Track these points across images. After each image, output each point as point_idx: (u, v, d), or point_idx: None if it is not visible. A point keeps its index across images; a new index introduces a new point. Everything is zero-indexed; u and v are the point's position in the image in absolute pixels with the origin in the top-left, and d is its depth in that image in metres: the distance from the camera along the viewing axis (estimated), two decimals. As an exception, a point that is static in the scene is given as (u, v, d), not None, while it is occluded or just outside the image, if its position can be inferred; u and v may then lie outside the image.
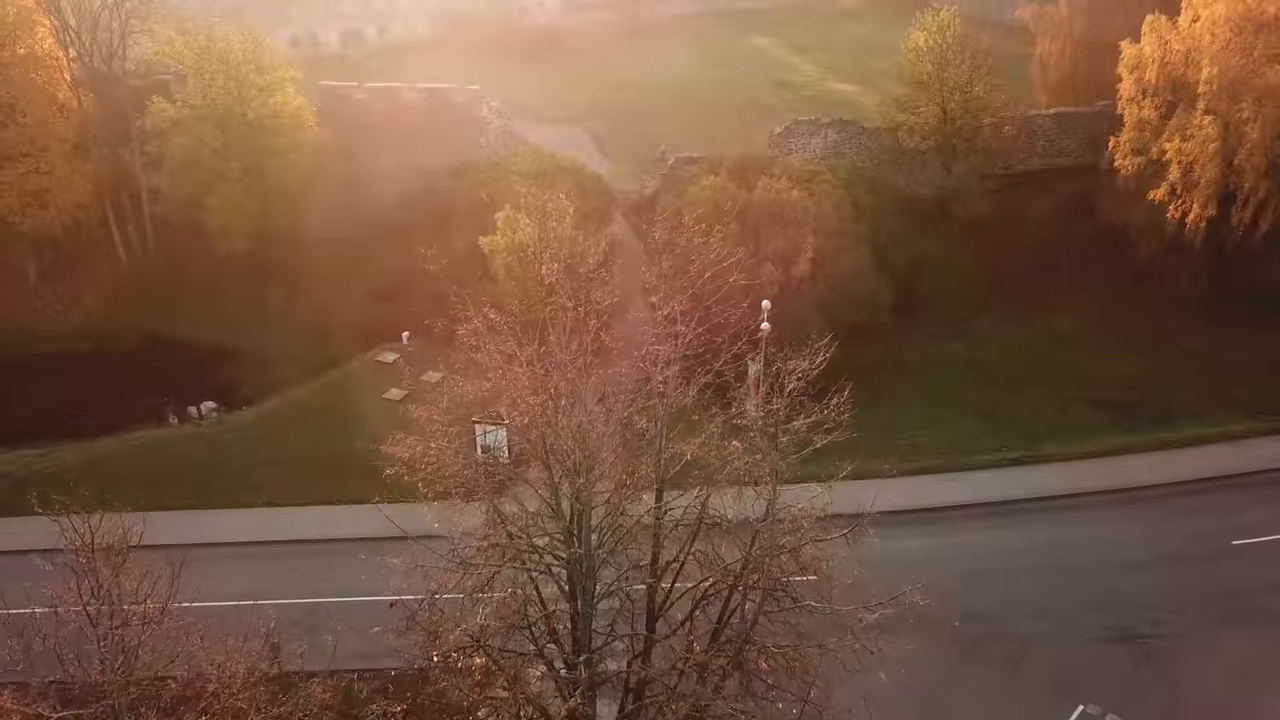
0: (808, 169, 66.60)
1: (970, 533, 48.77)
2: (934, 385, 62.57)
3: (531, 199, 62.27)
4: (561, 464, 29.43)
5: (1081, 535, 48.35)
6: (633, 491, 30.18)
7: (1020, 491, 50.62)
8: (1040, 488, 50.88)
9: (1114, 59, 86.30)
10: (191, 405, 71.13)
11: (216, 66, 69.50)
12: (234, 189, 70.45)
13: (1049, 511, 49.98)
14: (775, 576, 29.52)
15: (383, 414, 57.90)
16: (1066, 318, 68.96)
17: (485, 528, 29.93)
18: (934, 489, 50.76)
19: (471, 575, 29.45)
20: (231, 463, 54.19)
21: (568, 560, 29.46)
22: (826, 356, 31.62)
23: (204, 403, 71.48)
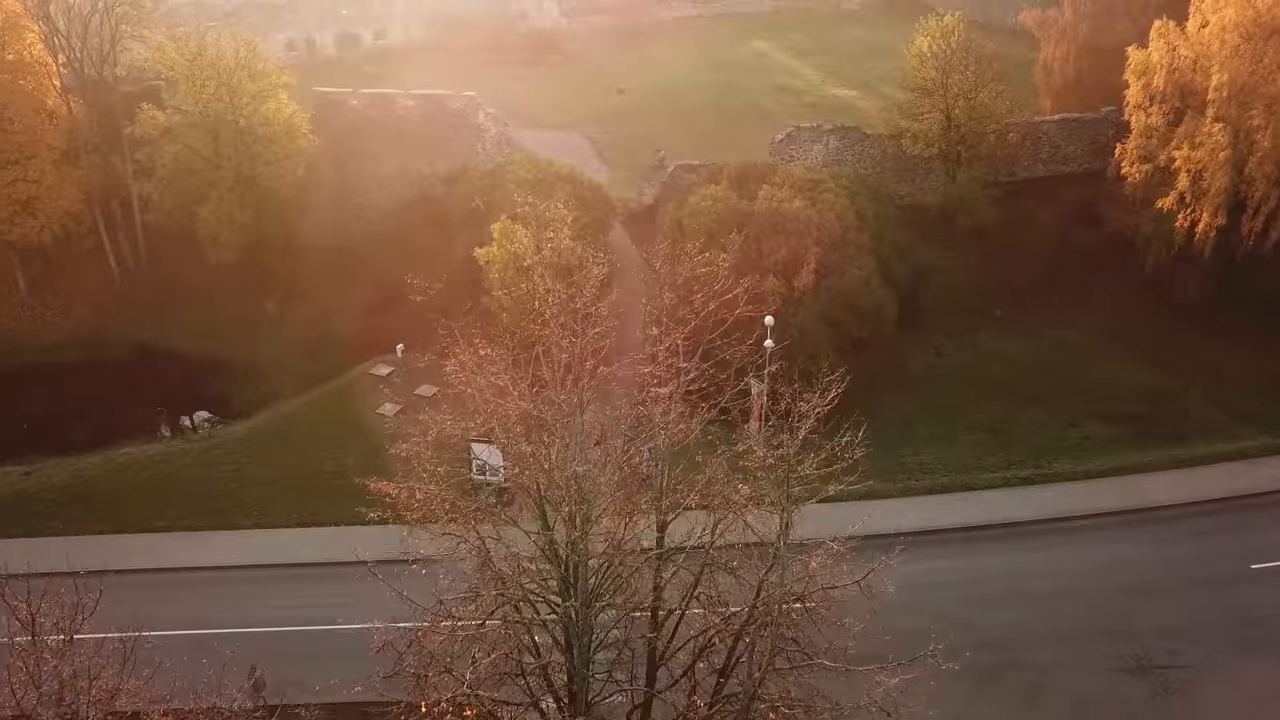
0: (810, 177, 64.65)
1: (981, 555, 46.92)
2: (939, 400, 60.68)
3: (528, 208, 60.39)
4: (556, 511, 27.50)
5: (1095, 558, 46.47)
6: (632, 536, 28.20)
7: (1031, 512, 48.72)
8: (1051, 508, 48.97)
9: (1119, 64, 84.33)
10: (184, 415, 69.66)
11: (208, 73, 67.50)
12: (226, 198, 68.52)
13: (1061, 533, 48.09)
14: (784, 629, 27.53)
15: (376, 430, 56.12)
16: (1073, 328, 67.07)
17: (475, 573, 27.95)
18: (942, 509, 48.88)
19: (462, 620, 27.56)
20: (220, 482, 52.28)
21: (563, 612, 27.57)
22: (839, 393, 29.16)
23: (197, 412, 69.89)
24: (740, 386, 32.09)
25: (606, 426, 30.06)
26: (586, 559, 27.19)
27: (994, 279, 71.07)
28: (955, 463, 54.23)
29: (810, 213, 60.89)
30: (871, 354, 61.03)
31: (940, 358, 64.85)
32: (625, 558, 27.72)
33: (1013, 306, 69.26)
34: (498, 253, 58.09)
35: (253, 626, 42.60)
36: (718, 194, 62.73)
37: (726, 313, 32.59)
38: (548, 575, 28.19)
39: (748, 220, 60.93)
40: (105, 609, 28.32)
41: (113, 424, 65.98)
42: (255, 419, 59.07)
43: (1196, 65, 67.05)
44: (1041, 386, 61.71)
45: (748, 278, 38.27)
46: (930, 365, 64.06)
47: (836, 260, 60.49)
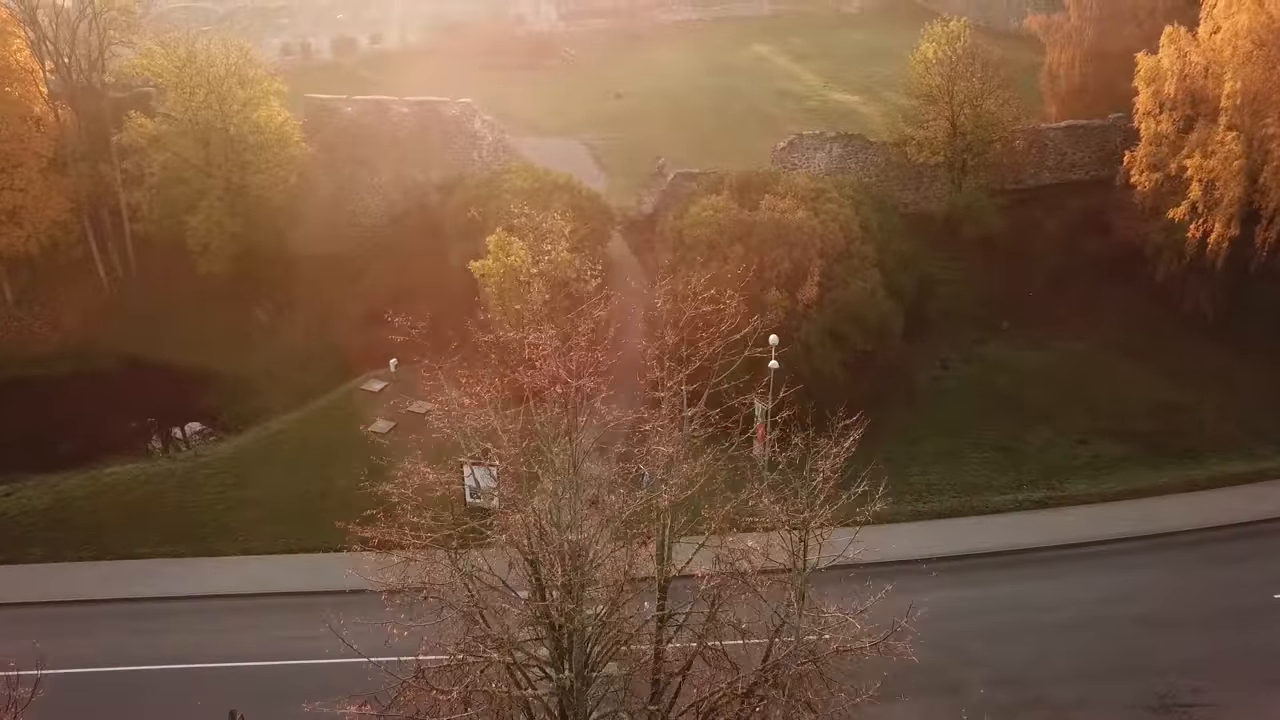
0: (813, 186, 62.35)
1: (993, 584, 44.66)
2: (946, 415, 58.45)
3: (525, 220, 58.13)
4: (550, 575, 25.21)
5: (1112, 587, 44.24)
6: (631, 596, 25.96)
7: (1044, 537, 46.45)
8: (1065, 533, 46.68)
9: (1126, 70, 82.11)
10: (175, 427, 67.65)
11: (197, 80, 65.28)
12: (216, 207, 66.32)
13: (1075, 560, 45.81)
14: (795, 692, 25.26)
15: (367, 448, 53.78)
16: (1082, 340, 64.83)
17: (461, 640, 25.65)
18: (952, 534, 46.67)
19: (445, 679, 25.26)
20: (206, 505, 50.04)
21: (556, 684, 25.31)
22: (856, 440, 26.98)
23: (189, 424, 67.89)
24: (746, 435, 29.48)
25: (602, 480, 27.67)
26: (584, 629, 24.89)
27: (1000, 289, 68.91)
28: (964, 483, 52.01)
29: (814, 224, 58.63)
30: (877, 367, 58.86)
31: (946, 371, 62.59)
32: (624, 622, 25.44)
33: (1020, 318, 67.10)
34: (493, 266, 55.83)
35: (235, 661, 40.45)
36: (719, 204, 60.47)
37: (734, 354, 30.06)
38: (539, 643, 25.89)
39: (750, 231, 58.74)
40: (78, 644, 26.11)
41: (101, 438, 64.07)
42: (243, 436, 56.80)
43: (1208, 72, 64.76)
44: (1050, 401, 59.49)
45: (756, 317, 35.20)
46: (936, 378, 61.80)
47: (841, 272, 58.24)
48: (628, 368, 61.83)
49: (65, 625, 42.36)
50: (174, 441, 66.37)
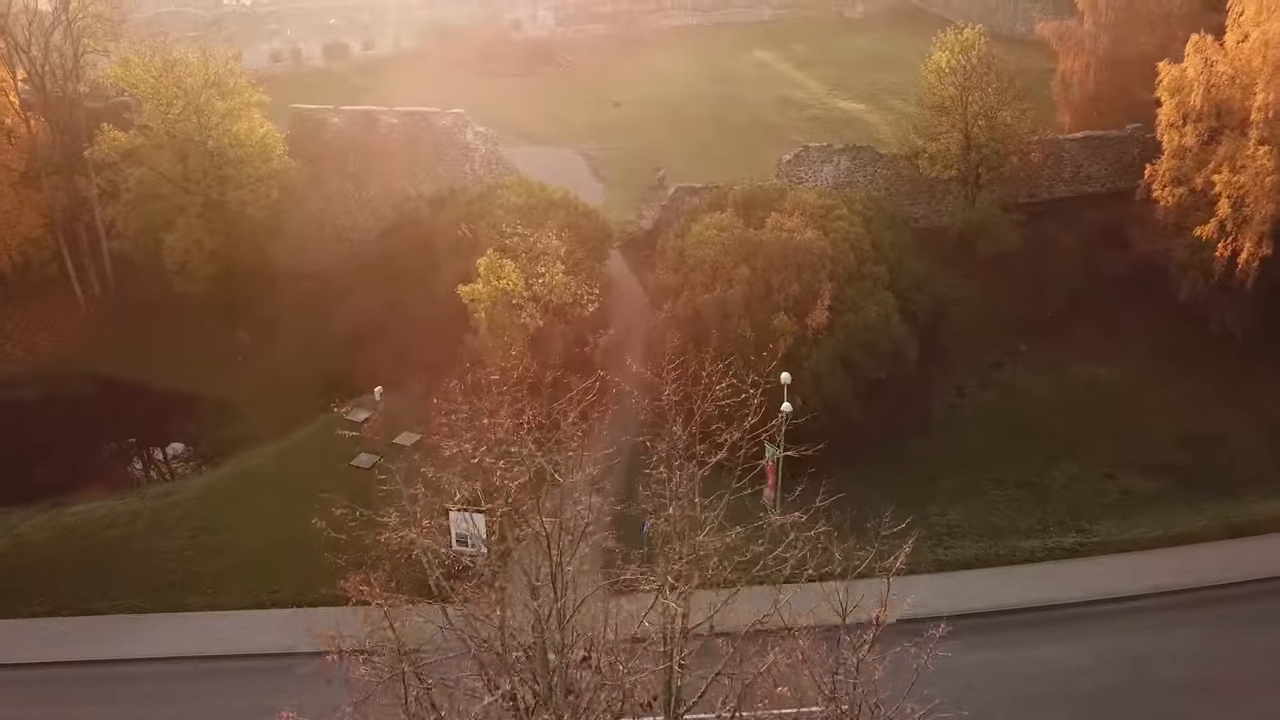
0: (822, 203, 58.03)
1: (1023, 645, 40.25)
2: (964, 447, 54.16)
3: (518, 239, 53.85)
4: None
5: (1154, 648, 39.78)
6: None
7: (1076, 590, 41.95)
8: (1099, 586, 42.19)
9: (1143, 78, 77.85)
10: (152, 455, 63.46)
11: (174, 91, 60.75)
12: (194, 224, 61.96)
13: (1111, 617, 41.29)
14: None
15: (349, 485, 49.47)
16: (1104, 364, 60.55)
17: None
18: (976, 588, 42.25)
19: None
20: (173, 552, 45.64)
21: None
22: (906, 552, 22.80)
23: (168, 448, 63.71)
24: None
25: (594, 635, 23.57)
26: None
27: (1016, 309, 64.59)
28: (987, 524, 47.70)
29: (823, 244, 54.36)
30: (890, 395, 54.60)
31: (963, 398, 58.33)
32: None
33: (1038, 340, 62.80)
34: (484, 290, 51.53)
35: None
36: (723, 222, 56.18)
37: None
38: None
39: (755, 251, 54.46)
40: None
41: (72, 466, 59.79)
42: (219, 470, 52.51)
43: (1235, 82, 60.39)
44: (1073, 431, 55.19)
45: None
46: (953, 406, 57.53)
47: (852, 295, 53.95)
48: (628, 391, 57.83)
49: (6, 693, 38.15)
50: (151, 468, 62.01)
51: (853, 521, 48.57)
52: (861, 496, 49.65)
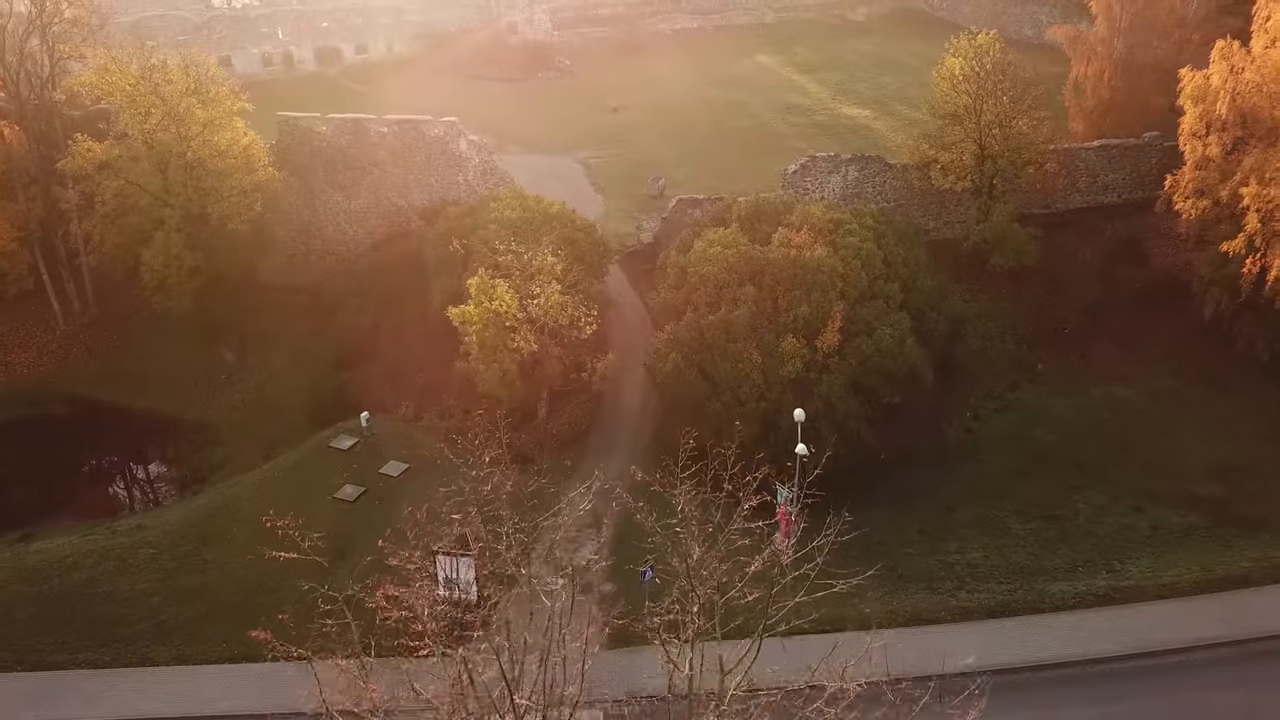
0: (830, 217, 54.33)
1: (1059, 705, 36.46)
2: (982, 475, 50.57)
3: (512, 257, 50.17)
4: None
5: (1200, 709, 36.11)
6: None
7: (1113, 643, 38.13)
8: (1139, 637, 38.31)
9: (1157, 84, 74.52)
10: (128, 480, 59.73)
11: (152, 100, 56.97)
12: (173, 239, 58.23)
13: (1152, 673, 37.38)
14: None
15: (332, 521, 45.93)
16: (1126, 384, 57.09)
17: None
18: (1004, 639, 38.55)
19: None
20: (140, 597, 41.90)
21: None
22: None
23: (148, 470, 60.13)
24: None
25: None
26: None
27: (1033, 325, 61.30)
28: (1010, 563, 44.02)
29: (833, 261, 50.71)
30: (903, 420, 50.96)
31: (979, 421, 54.74)
32: None
33: (1056, 358, 59.40)
34: (475, 312, 47.83)
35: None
36: (727, 238, 52.51)
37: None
38: None
39: (762, 270, 50.89)
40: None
41: (44, 493, 56.35)
42: (195, 502, 48.81)
43: (1263, 90, 56.80)
44: (1097, 458, 51.59)
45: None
46: (969, 431, 53.94)
47: (865, 316, 50.29)
48: (628, 416, 54.20)
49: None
50: (126, 495, 58.19)
51: (870, 552, 45.46)
52: (878, 533, 46.32)
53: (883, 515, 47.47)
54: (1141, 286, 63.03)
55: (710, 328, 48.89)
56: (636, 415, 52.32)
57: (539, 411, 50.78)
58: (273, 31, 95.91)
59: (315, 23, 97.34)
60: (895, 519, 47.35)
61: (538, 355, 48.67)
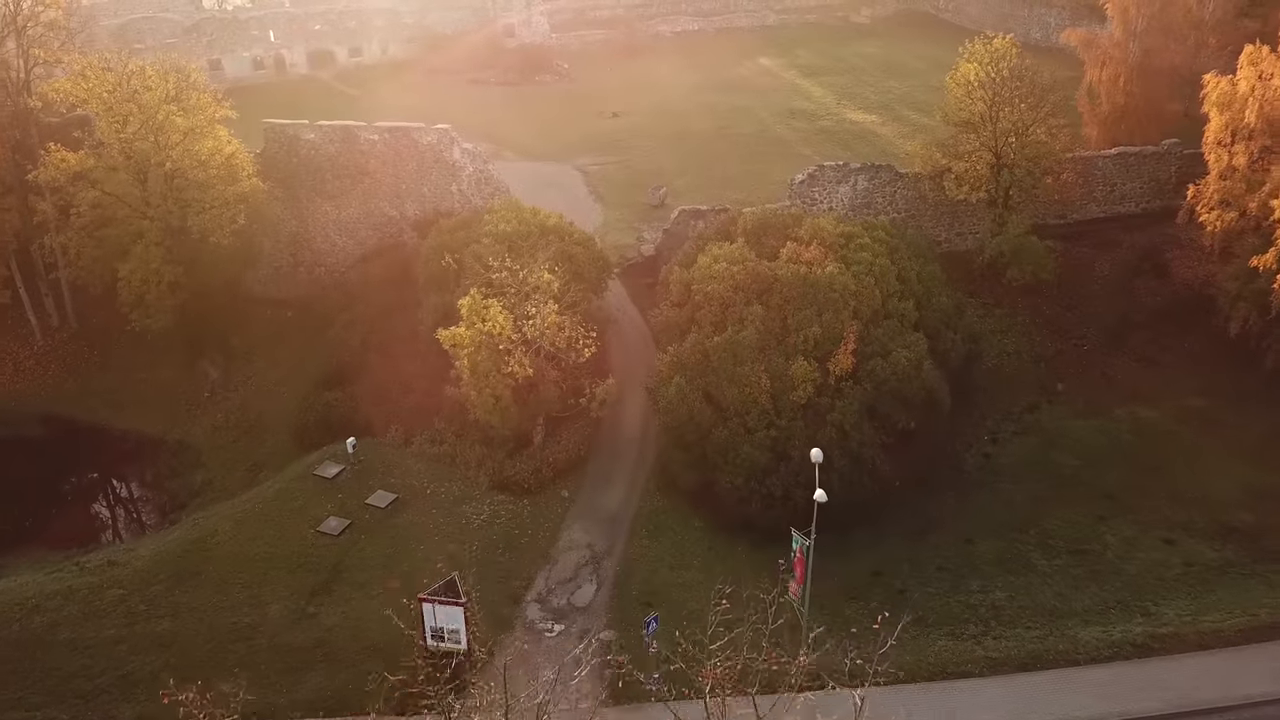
0: (842, 230, 50.91)
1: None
2: (1003, 504, 47.25)
3: (507, 274, 46.69)
4: None
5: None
6: None
7: (1155, 700, 34.44)
8: (1181, 696, 34.57)
9: (1172, 89, 71.29)
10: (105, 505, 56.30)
11: (129, 107, 53.50)
12: (152, 253, 54.74)
13: (1203, 734, 34.21)
14: None
15: (316, 557, 42.60)
16: (1150, 405, 53.78)
17: None
18: (1036, 696, 35.03)
19: None
20: (105, 645, 38.34)
21: None
22: None
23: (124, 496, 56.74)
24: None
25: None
26: None
27: (1050, 343, 57.95)
28: (1037, 604, 40.70)
29: (846, 279, 47.28)
30: (918, 445, 47.65)
31: (997, 445, 51.39)
32: None
33: (1076, 377, 56.05)
34: (466, 335, 44.36)
35: None
36: (733, 254, 49.07)
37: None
38: None
39: (770, 288, 47.50)
40: None
41: (15, 519, 52.83)
42: (169, 536, 45.27)
43: (1293, 97, 53.48)
44: (1122, 484, 48.35)
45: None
46: (987, 456, 50.58)
47: (879, 336, 46.91)
48: (628, 441, 50.75)
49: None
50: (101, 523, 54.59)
51: (886, 590, 42.15)
52: (894, 570, 43.04)
53: (899, 549, 44.30)
54: (1163, 301, 59.78)
55: (716, 349, 45.47)
56: (637, 440, 48.87)
57: (534, 438, 47.29)
58: (264, 34, 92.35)
59: (307, 25, 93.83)
60: (912, 553, 44.05)
61: (533, 379, 45.22)
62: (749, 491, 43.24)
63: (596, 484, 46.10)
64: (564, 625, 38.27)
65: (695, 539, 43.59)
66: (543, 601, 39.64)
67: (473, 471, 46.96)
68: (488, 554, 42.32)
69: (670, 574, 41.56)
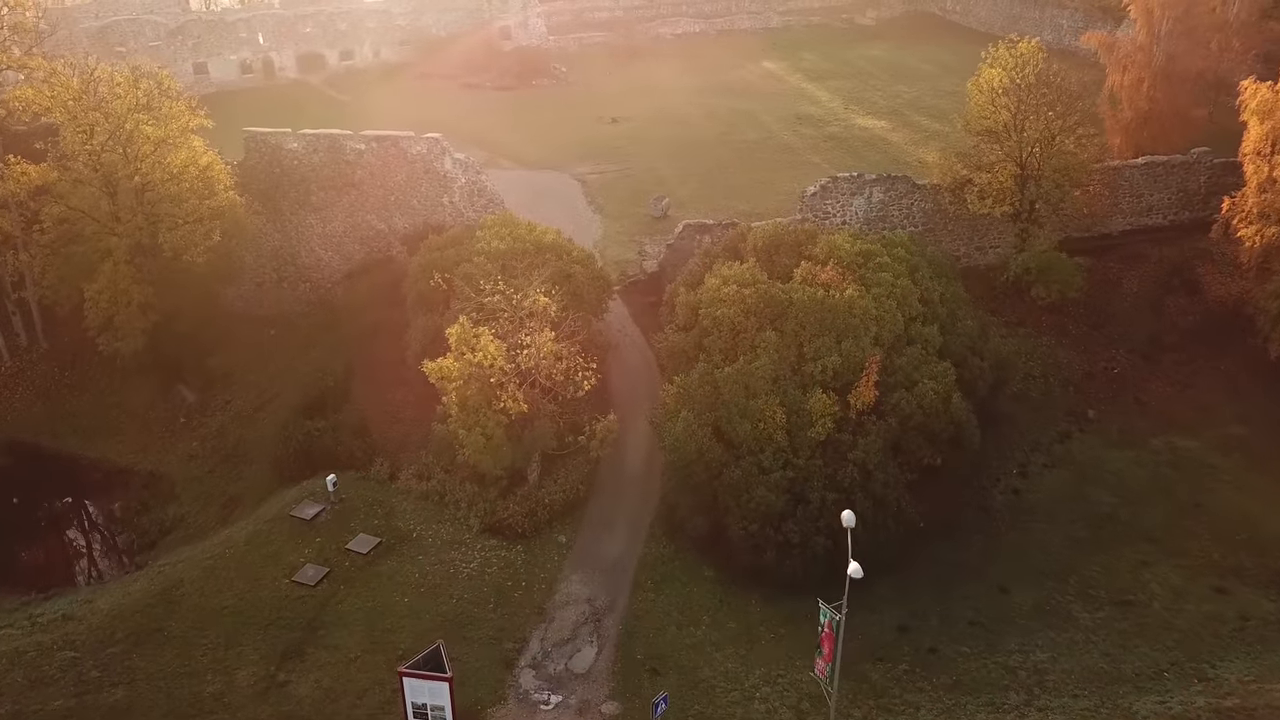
0: (859, 247, 46.37)
1: None
2: (1036, 548, 42.92)
3: (500, 298, 42.12)
4: None
5: None
6: None
7: (1227, 786, 30.53)
8: (1254, 777, 30.74)
9: (1200, 94, 67.01)
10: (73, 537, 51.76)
11: (95, 116, 48.92)
12: (120, 272, 50.14)
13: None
14: None
15: (290, 612, 38.09)
16: (1188, 434, 49.56)
17: None
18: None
19: None
20: (53, 715, 33.76)
21: None
22: None
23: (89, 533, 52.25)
24: None
25: None
26: None
27: (1079, 365, 53.60)
28: (1083, 666, 36.39)
29: (866, 303, 42.78)
30: (942, 481, 43.15)
31: (1027, 480, 46.95)
32: None
33: (1107, 403, 51.73)
34: (455, 367, 39.81)
35: None
36: (743, 275, 44.58)
37: None
38: None
39: (784, 312, 43.03)
40: None
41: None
42: (131, 587, 40.67)
43: (1340, 104, 49.09)
44: (1164, 524, 44.09)
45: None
46: (1016, 492, 46.13)
47: (903, 366, 42.43)
48: (631, 479, 46.26)
49: None
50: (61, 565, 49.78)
51: (917, 650, 37.81)
52: (922, 625, 38.59)
53: (927, 600, 39.88)
54: (1195, 320, 55.53)
55: (726, 380, 40.95)
56: (640, 477, 44.36)
57: (529, 476, 42.76)
58: (252, 37, 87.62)
59: (297, 27, 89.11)
60: (942, 605, 39.61)
61: (529, 414, 40.68)
62: (763, 539, 38.74)
63: (596, 528, 41.59)
64: (561, 696, 33.78)
65: (704, 591, 39.10)
66: (538, 667, 35.14)
67: (463, 512, 42.45)
68: (478, 609, 37.82)
69: (678, 633, 37.08)
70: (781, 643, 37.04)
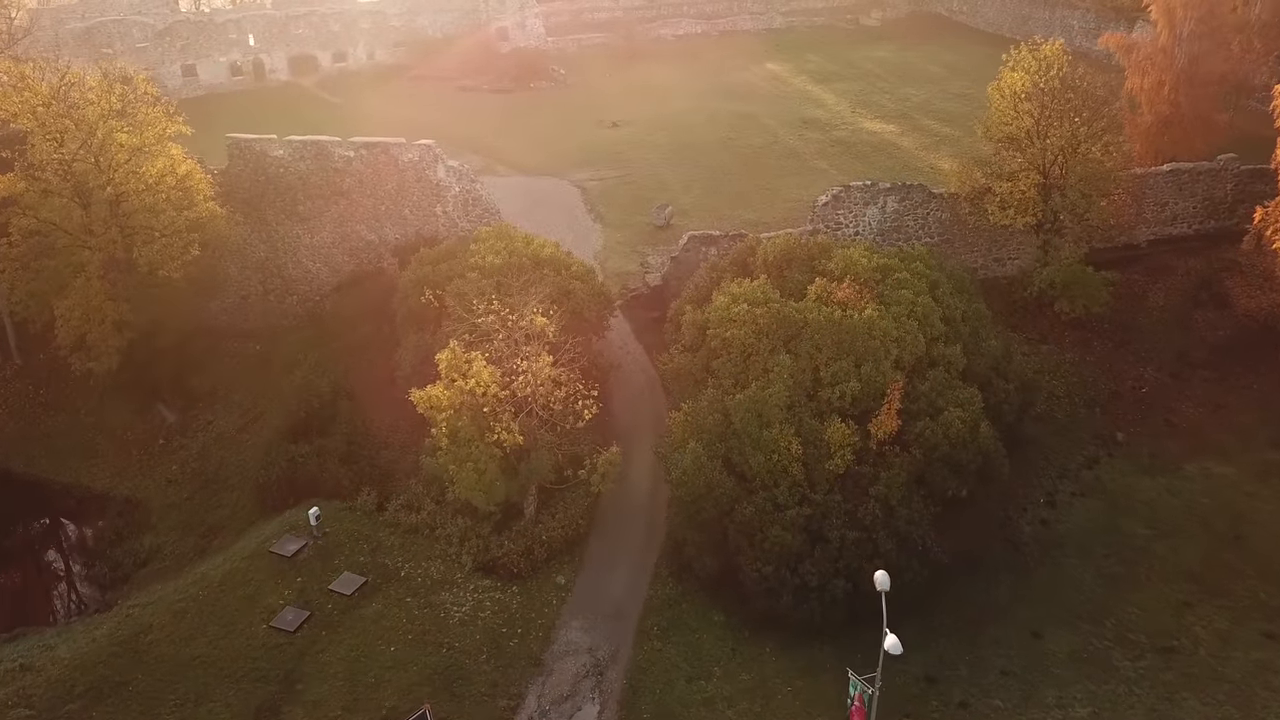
0: (876, 262, 42.94)
1: None
2: (1068, 588, 39.41)
3: (494, 318, 38.49)
4: None
5: None
6: None
7: None
8: None
9: (1222, 97, 63.56)
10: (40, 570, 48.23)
11: (65, 124, 45.31)
12: (93, 288, 46.55)
13: None
14: None
15: (267, 663, 34.55)
16: (1222, 458, 46.11)
17: None
18: None
19: None
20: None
21: None
22: None
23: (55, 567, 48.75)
24: None
25: None
26: None
27: (1105, 384, 50.15)
28: (1128, 726, 32.76)
29: (886, 324, 39.29)
30: (968, 512, 39.59)
31: (1055, 510, 43.46)
32: None
33: (1136, 425, 48.26)
34: (445, 396, 36.22)
35: None
36: (754, 293, 41.06)
37: None
38: None
39: (799, 333, 39.58)
40: None
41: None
42: (95, 632, 37.06)
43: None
44: (1204, 560, 40.66)
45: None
46: (1045, 523, 42.63)
47: (926, 392, 38.96)
48: (635, 512, 42.76)
49: None
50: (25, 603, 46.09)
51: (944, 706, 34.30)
52: (950, 676, 35.09)
53: (954, 646, 36.39)
54: (1226, 335, 52.16)
55: (738, 408, 37.45)
56: (645, 510, 40.84)
57: (525, 510, 39.21)
58: (242, 38, 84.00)
59: (289, 28, 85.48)
60: (971, 652, 36.14)
61: (525, 445, 37.11)
62: (779, 581, 35.27)
63: (598, 568, 38.06)
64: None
65: (715, 639, 35.59)
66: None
67: (454, 548, 38.94)
68: (469, 660, 34.33)
69: (687, 687, 33.59)
70: (799, 697, 33.54)
